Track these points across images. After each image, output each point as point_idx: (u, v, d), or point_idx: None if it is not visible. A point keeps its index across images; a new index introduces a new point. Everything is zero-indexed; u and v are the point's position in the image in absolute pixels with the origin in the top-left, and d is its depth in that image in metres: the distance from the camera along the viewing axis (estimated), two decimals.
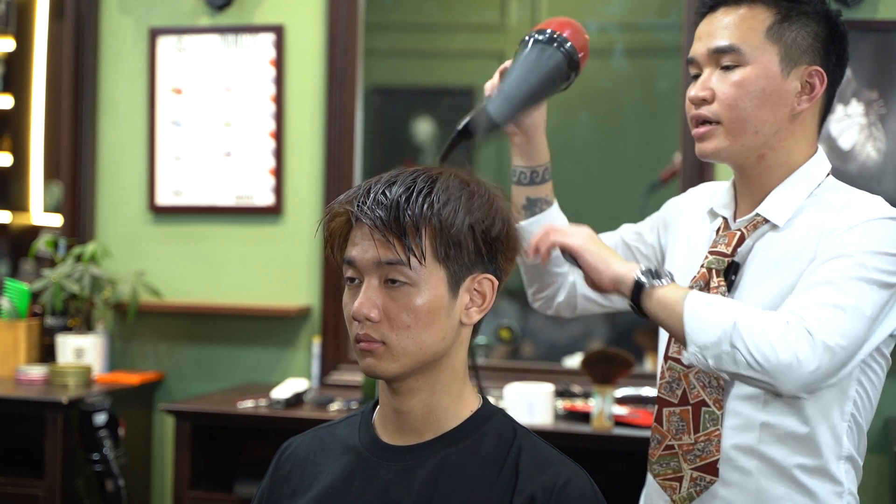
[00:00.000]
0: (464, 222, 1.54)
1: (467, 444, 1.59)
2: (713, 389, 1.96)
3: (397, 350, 1.55)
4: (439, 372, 1.59)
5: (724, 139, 1.97)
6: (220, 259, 4.31)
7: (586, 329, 5.24)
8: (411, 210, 1.53)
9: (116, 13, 4.39)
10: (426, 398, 1.60)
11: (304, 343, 4.23)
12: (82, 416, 3.51)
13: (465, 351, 1.63)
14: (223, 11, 4.27)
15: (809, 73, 1.96)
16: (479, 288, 1.59)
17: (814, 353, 1.75)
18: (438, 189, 1.55)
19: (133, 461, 3.92)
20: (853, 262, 1.82)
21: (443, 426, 1.61)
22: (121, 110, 4.41)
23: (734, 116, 1.95)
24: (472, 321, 1.60)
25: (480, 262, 1.58)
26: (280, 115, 4.23)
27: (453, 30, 5.84)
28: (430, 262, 1.54)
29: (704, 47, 1.99)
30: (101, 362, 4.18)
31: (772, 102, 1.94)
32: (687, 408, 1.98)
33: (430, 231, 1.53)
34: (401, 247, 1.52)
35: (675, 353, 2.01)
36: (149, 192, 4.35)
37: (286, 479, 1.73)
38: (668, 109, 4.42)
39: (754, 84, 1.94)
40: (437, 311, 1.55)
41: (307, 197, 4.23)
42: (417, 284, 1.54)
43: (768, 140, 1.96)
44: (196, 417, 3.76)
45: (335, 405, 3.72)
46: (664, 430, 2.01)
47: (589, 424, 3.48)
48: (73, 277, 4.10)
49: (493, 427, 1.61)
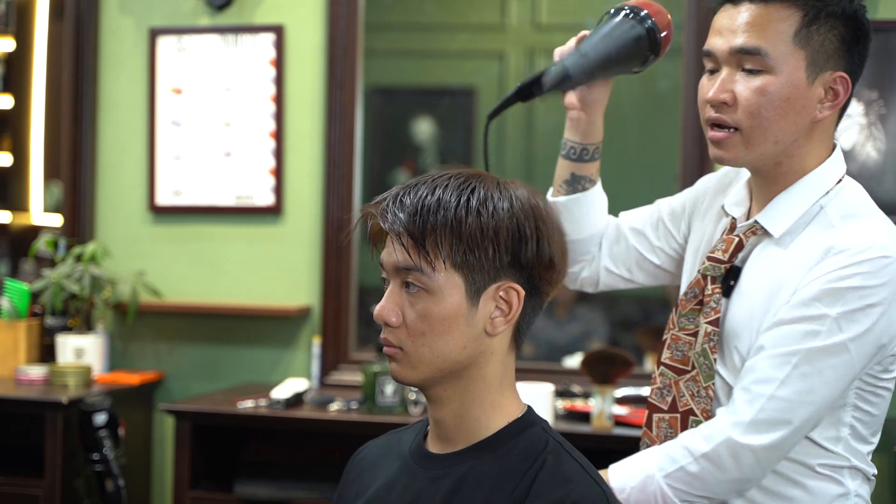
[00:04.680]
0: (485, 229, 1.49)
1: (495, 456, 1.55)
2: (702, 399, 1.93)
3: (414, 357, 1.53)
4: (468, 382, 1.55)
5: (742, 148, 1.89)
6: (220, 259, 4.31)
7: (586, 329, 5.25)
8: (431, 215, 1.49)
9: (116, 13, 4.39)
10: (457, 408, 1.56)
11: (304, 343, 4.23)
12: (82, 416, 3.50)
13: (498, 362, 1.56)
14: (223, 11, 4.27)
15: (834, 79, 1.87)
16: (506, 297, 1.52)
17: (739, 468, 1.83)
18: (463, 193, 1.51)
19: (133, 461, 3.92)
20: (827, 325, 1.80)
21: (474, 436, 1.56)
22: (121, 110, 4.40)
23: (755, 125, 1.86)
24: (496, 331, 1.53)
25: (507, 270, 1.52)
26: (280, 115, 4.23)
27: (453, 30, 5.85)
28: (447, 268, 1.50)
29: (726, 45, 1.87)
30: (100, 362, 4.17)
31: (794, 111, 1.86)
32: (676, 415, 1.96)
33: (448, 237, 1.49)
34: (416, 252, 1.50)
35: (668, 359, 1.98)
36: (149, 191, 4.35)
37: (353, 482, 1.71)
38: (669, 109, 4.42)
39: (779, 93, 1.84)
40: (454, 319, 1.51)
41: (307, 197, 4.23)
42: (433, 291, 1.50)
43: (787, 148, 1.88)
44: (196, 417, 3.75)
45: (335, 405, 3.72)
46: (653, 435, 2.00)
47: (589, 424, 3.49)
48: (73, 277, 4.10)
49: (525, 439, 1.56)
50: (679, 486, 1.85)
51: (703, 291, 1.95)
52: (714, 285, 1.94)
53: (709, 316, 1.93)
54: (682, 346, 1.97)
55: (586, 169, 2.18)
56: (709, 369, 1.92)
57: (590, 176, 2.19)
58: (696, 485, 1.85)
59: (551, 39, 5.66)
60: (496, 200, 1.51)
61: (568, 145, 2.16)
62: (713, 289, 1.94)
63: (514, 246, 1.51)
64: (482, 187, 1.52)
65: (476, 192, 1.51)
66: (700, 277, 1.97)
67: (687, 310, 1.98)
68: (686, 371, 1.95)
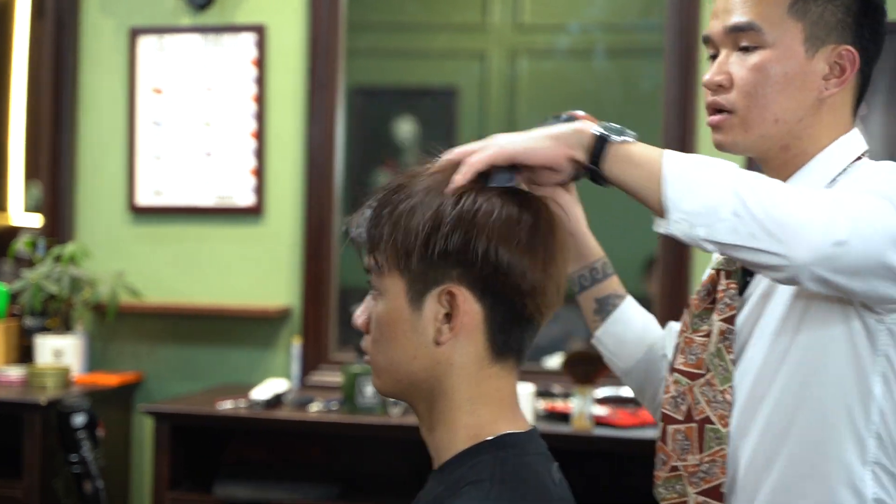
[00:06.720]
0: (416, 229, 1.41)
1: (439, 482, 1.44)
2: (718, 405, 1.75)
3: (375, 365, 1.48)
4: (433, 399, 1.45)
5: (740, 131, 1.76)
6: (201, 259, 4.30)
7: (567, 329, 5.25)
8: (374, 218, 1.45)
9: (97, 13, 4.38)
10: (427, 425, 1.47)
11: (284, 344, 4.22)
12: (61, 417, 3.48)
13: (463, 377, 1.44)
14: (204, 11, 4.26)
15: (839, 53, 1.73)
16: (450, 302, 1.41)
17: (844, 220, 1.50)
18: (401, 194, 1.44)
19: (112, 462, 3.90)
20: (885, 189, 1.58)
21: (440, 459, 1.46)
22: (101, 110, 4.39)
23: (751, 105, 1.74)
24: (443, 340, 1.41)
25: (450, 274, 1.41)
26: (261, 115, 4.22)
27: (435, 29, 5.86)
28: (391, 271, 1.43)
29: (721, 25, 1.77)
30: (79, 363, 4.16)
31: (794, 87, 1.73)
32: (692, 425, 1.77)
33: (389, 238, 1.43)
34: (369, 255, 1.46)
35: (682, 364, 1.81)
36: (129, 192, 4.33)
37: None
38: (650, 110, 4.42)
39: (775, 68, 1.72)
40: (396, 324, 1.43)
41: (288, 197, 4.22)
42: (383, 294, 1.45)
43: (791, 129, 1.74)
44: (175, 418, 3.74)
45: (315, 406, 3.71)
46: (669, 449, 1.80)
47: (569, 425, 3.49)
48: (53, 278, 4.08)
49: (467, 467, 1.42)
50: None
51: (716, 287, 1.81)
52: (729, 280, 1.79)
53: (723, 313, 1.78)
54: (695, 348, 1.81)
55: (606, 288, 2.02)
56: (724, 371, 1.75)
57: (614, 293, 2.02)
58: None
59: (533, 40, 5.68)
60: (432, 199, 1.42)
61: (576, 278, 2.00)
62: (727, 284, 1.79)
63: (439, 245, 1.40)
64: (424, 185, 1.45)
65: (417, 193, 1.44)
66: (713, 273, 1.83)
67: (700, 309, 1.83)
68: (700, 375, 1.78)
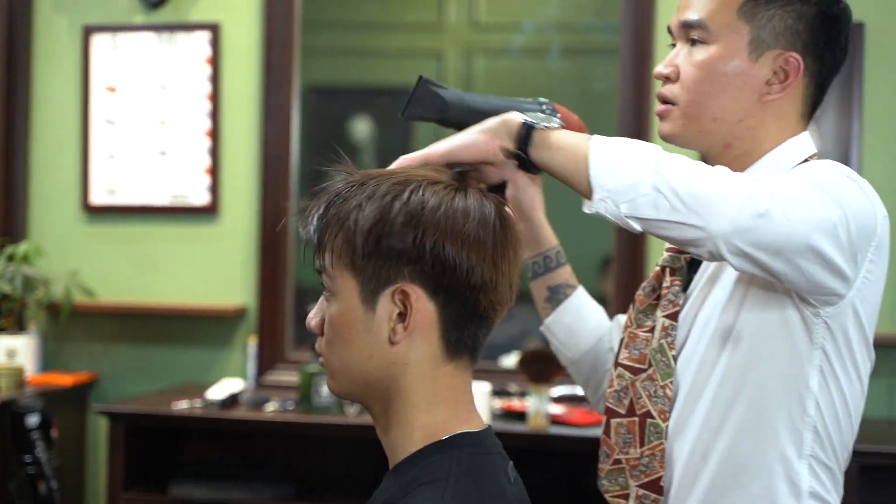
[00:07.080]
0: (364, 227, 1.39)
1: (394, 482, 1.41)
2: (659, 400, 1.79)
3: (329, 367, 1.45)
4: (388, 399, 1.43)
5: (679, 122, 1.80)
6: (156, 259, 4.28)
7: (523, 328, 5.26)
8: (321, 216, 1.42)
9: (50, 10, 4.34)
10: (383, 426, 1.45)
11: (240, 343, 4.21)
12: (14, 417, 3.47)
13: (418, 375, 1.41)
14: (158, 9, 4.24)
15: (784, 59, 1.76)
16: (403, 301, 1.39)
17: (766, 195, 1.53)
18: (345, 192, 1.42)
19: (66, 463, 3.88)
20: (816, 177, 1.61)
21: (395, 459, 1.44)
22: (54, 109, 4.36)
23: (691, 99, 1.78)
24: (397, 339, 1.40)
25: (402, 273, 1.39)
26: (216, 114, 4.21)
27: (391, 29, 5.85)
28: (342, 271, 1.41)
29: (676, 19, 1.82)
30: (33, 363, 4.12)
31: (735, 87, 1.76)
32: (634, 419, 1.81)
33: (338, 238, 1.40)
34: (318, 255, 1.43)
35: (625, 359, 1.85)
36: (83, 191, 4.30)
37: None
38: (606, 109, 4.44)
39: (718, 66, 1.76)
40: (350, 325, 1.41)
41: (243, 196, 4.21)
42: (335, 295, 1.42)
43: (732, 128, 1.78)
44: (130, 419, 3.72)
45: (271, 406, 3.70)
46: (612, 442, 1.84)
47: (525, 423, 3.50)
48: (5, 277, 4.05)
49: (420, 467, 1.40)
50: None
51: (661, 284, 1.85)
52: (673, 277, 1.83)
53: (666, 309, 1.82)
54: (639, 343, 1.84)
55: (559, 277, 2.06)
56: (666, 366, 1.79)
57: (566, 282, 2.06)
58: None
59: (489, 39, 5.69)
60: (381, 198, 1.39)
61: (530, 263, 2.04)
62: (672, 280, 1.83)
63: (390, 242, 1.38)
64: (372, 186, 1.41)
65: (364, 191, 1.41)
66: (659, 269, 1.86)
67: (645, 305, 1.86)
68: (643, 370, 1.82)
